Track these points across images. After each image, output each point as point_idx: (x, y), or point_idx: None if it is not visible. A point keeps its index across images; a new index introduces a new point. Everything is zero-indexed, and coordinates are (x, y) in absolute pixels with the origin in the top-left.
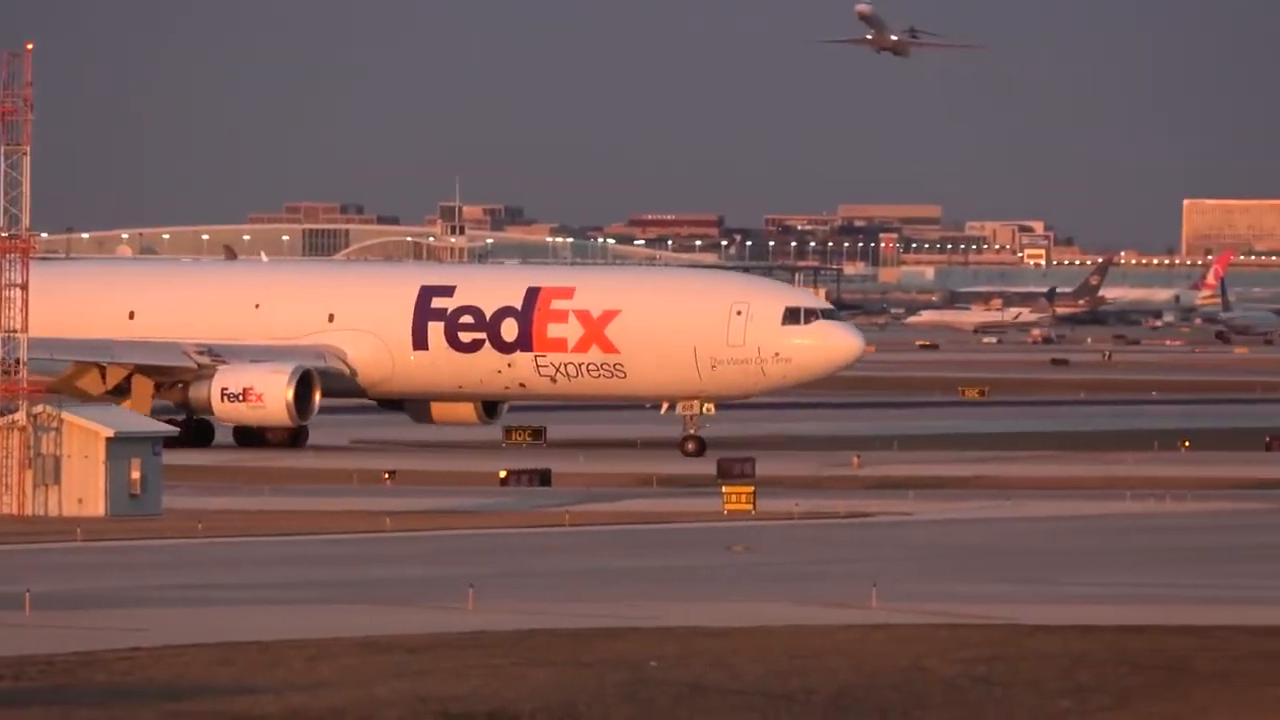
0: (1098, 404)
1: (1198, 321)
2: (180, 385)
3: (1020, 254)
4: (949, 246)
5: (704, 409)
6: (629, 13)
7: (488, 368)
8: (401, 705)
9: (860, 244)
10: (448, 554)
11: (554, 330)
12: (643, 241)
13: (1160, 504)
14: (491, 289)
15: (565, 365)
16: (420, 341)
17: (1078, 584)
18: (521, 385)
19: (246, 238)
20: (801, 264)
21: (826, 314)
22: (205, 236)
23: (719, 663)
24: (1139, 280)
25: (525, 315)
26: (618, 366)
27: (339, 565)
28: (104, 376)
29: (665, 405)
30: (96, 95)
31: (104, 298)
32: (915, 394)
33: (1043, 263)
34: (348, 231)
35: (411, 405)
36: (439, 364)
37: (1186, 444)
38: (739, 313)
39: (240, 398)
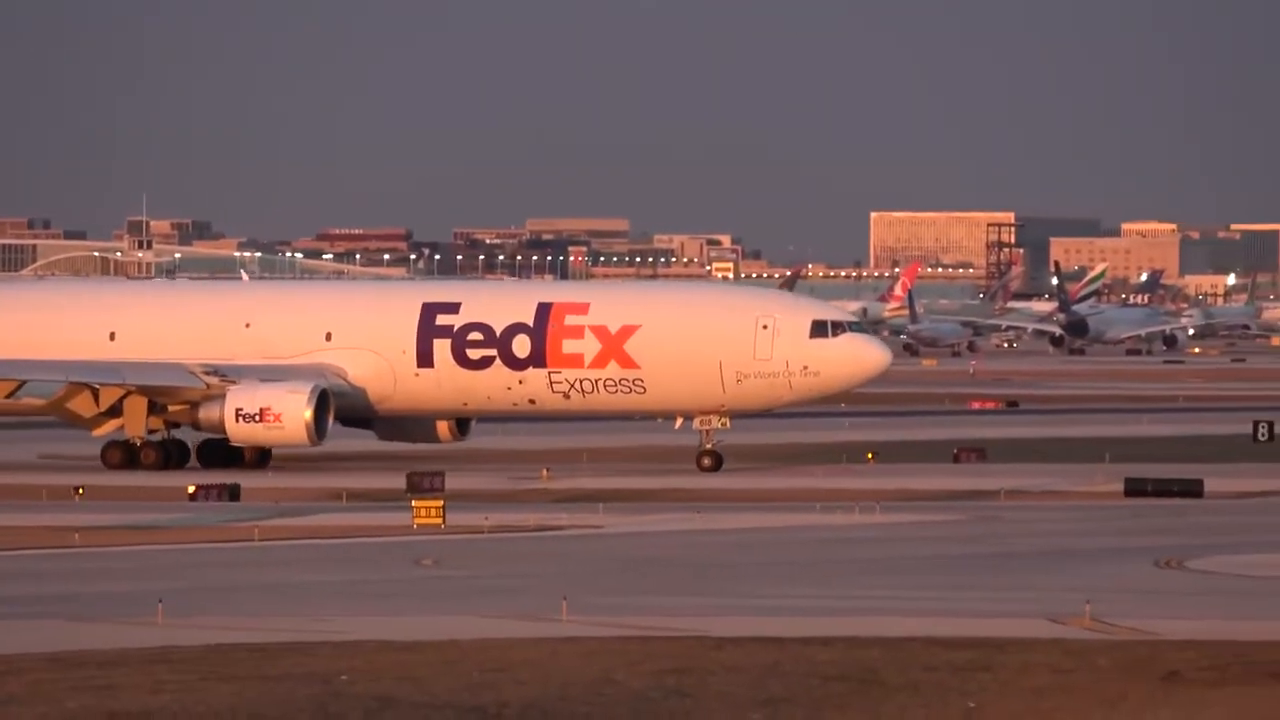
0: (786, 416)
1: (885, 333)
2: (188, 406)
3: (708, 267)
4: (638, 259)
5: (720, 423)
6: (307, 28)
7: (497, 385)
8: (91, 719)
9: (549, 257)
10: (136, 569)
11: (569, 346)
12: (331, 255)
13: (849, 516)
14: (500, 305)
15: (581, 381)
16: (425, 359)
17: (767, 596)
18: (532, 401)
19: None
20: (490, 277)
21: (853, 327)
22: None
23: (408, 676)
24: (827, 293)
25: (538, 331)
26: (637, 382)
27: (27, 581)
28: (97, 398)
29: (679, 419)
30: None
31: (83, 318)
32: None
33: (731, 275)
34: (35, 247)
35: (380, 424)
36: (444, 382)
37: (872, 456)
38: (765, 326)
39: (257, 418)
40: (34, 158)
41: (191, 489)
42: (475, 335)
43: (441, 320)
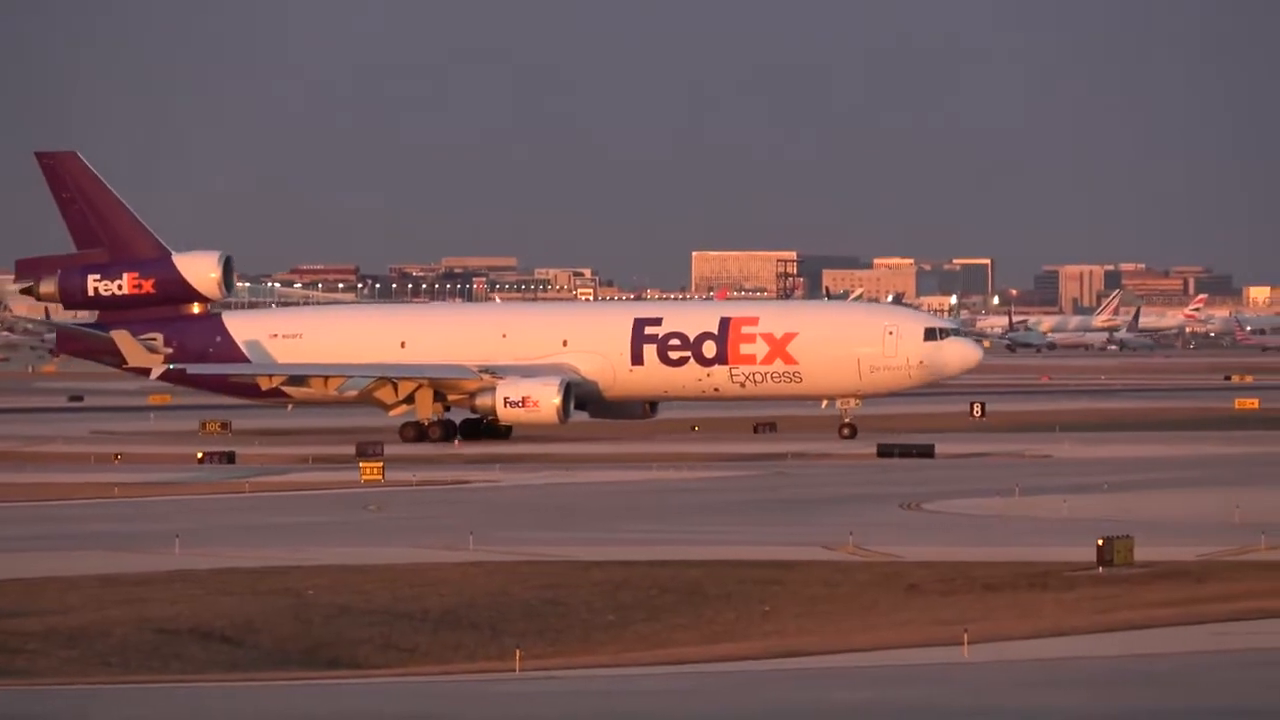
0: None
1: None
2: (466, 395)
3: (575, 293)
4: (524, 287)
5: (855, 403)
6: (262, 89)
7: (690, 378)
8: (128, 623)
9: (459, 286)
10: (160, 513)
11: (745, 348)
12: (300, 285)
13: (679, 472)
14: (692, 319)
15: (754, 374)
16: (637, 359)
17: (619, 531)
18: (715, 390)
19: None
20: (416, 300)
21: (955, 333)
22: None
23: (359, 591)
24: None
25: (722, 338)
26: (796, 374)
27: (82, 522)
28: (396, 390)
29: (825, 401)
30: None
31: (380, 332)
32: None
33: (591, 298)
34: None
35: (593, 406)
36: (652, 376)
37: (696, 428)
38: (891, 333)
39: (520, 404)
40: None
41: (200, 455)
42: (674, 341)
43: (649, 330)
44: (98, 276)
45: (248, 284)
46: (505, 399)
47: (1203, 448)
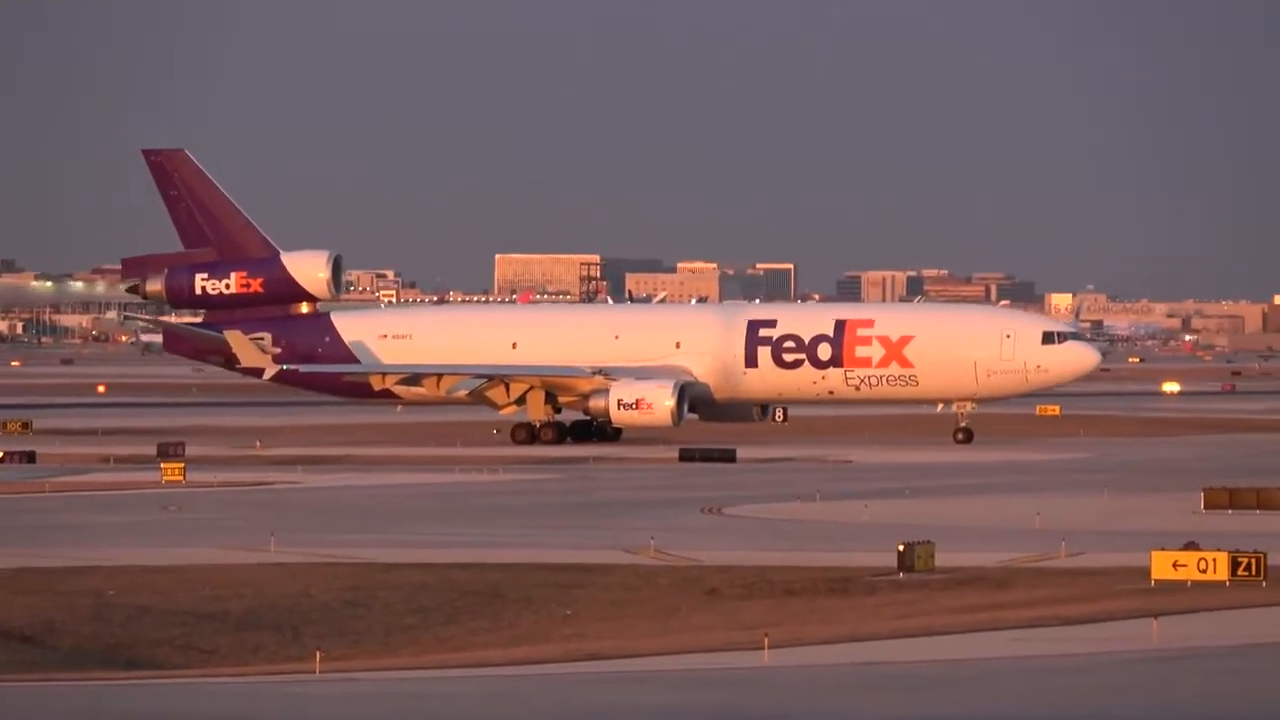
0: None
1: None
2: (578, 397)
3: (377, 294)
4: None
5: (971, 407)
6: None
7: (805, 380)
8: None
9: None
10: None
11: (861, 351)
12: (101, 286)
13: (480, 475)
14: (807, 322)
15: (869, 377)
16: (751, 361)
17: (420, 533)
18: (830, 393)
19: None
20: None
21: (1074, 336)
22: None
23: (159, 591)
24: None
25: (837, 340)
26: (912, 377)
27: None
28: (508, 390)
29: (940, 405)
30: None
31: (493, 333)
32: (296, 395)
33: (394, 300)
34: None
35: (703, 409)
36: (766, 378)
37: (496, 431)
38: (1009, 336)
39: (634, 406)
40: None
41: (0, 454)
42: (789, 344)
43: (763, 333)
44: (205, 275)
45: (49, 284)
46: (619, 401)
47: (1004, 454)
